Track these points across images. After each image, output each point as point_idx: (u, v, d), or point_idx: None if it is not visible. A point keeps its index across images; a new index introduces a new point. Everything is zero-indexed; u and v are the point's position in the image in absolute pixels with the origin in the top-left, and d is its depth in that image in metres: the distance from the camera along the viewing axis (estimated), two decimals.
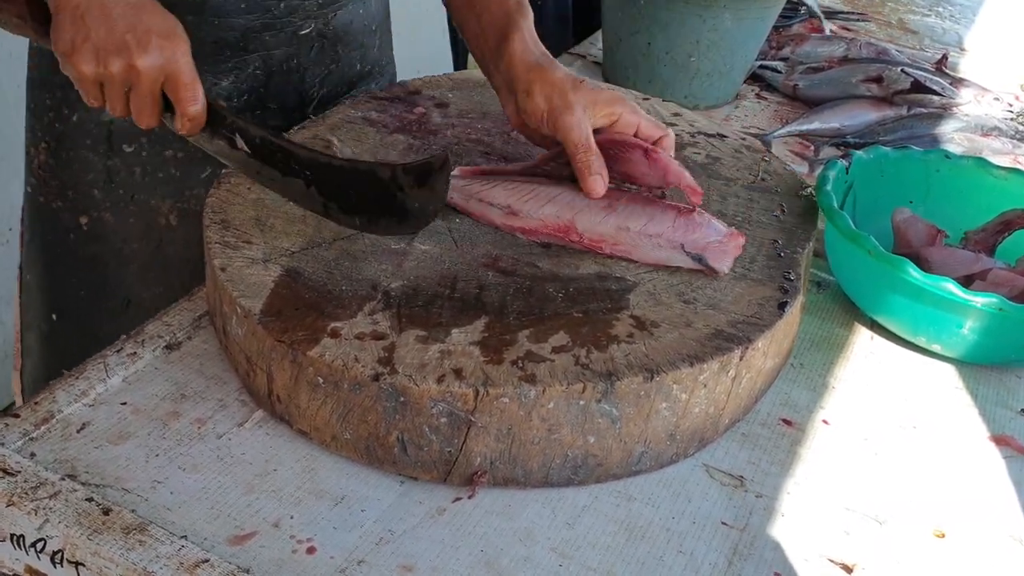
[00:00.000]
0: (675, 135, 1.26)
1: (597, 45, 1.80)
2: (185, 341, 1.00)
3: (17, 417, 0.89)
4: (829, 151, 1.57)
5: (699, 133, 1.28)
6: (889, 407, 1.04)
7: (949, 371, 1.09)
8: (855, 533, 0.89)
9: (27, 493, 0.82)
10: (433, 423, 0.85)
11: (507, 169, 1.10)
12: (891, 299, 1.08)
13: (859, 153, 1.22)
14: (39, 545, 0.81)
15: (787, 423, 1.00)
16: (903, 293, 1.06)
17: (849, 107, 1.66)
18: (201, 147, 1.02)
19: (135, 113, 0.97)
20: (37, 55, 1.23)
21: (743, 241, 1.02)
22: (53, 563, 0.81)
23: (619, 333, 0.91)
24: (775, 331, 0.96)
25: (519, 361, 0.87)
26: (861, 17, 2.15)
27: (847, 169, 1.19)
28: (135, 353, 0.97)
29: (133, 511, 0.81)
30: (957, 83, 1.75)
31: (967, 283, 1.08)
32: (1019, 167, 1.43)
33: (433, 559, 0.81)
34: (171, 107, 0.97)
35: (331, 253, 0.98)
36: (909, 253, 1.10)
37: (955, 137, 1.59)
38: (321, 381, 0.86)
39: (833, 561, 0.86)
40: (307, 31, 1.22)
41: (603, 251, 1.02)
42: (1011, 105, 1.75)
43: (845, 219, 1.09)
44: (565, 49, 1.87)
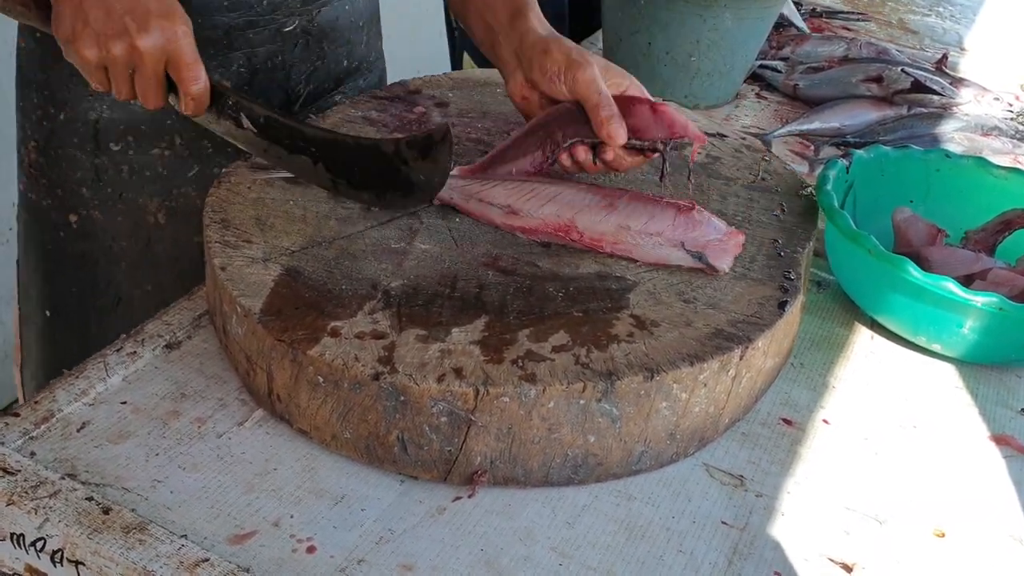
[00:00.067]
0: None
1: (597, 45, 1.80)
2: (185, 340, 1.00)
3: (17, 416, 0.89)
4: (829, 151, 1.57)
5: None
6: (889, 407, 1.03)
7: (949, 371, 1.09)
8: (855, 533, 0.89)
9: (27, 492, 0.82)
10: (433, 422, 0.85)
11: (507, 144, 1.10)
12: (891, 298, 1.08)
13: (859, 153, 1.22)
14: (39, 544, 0.81)
15: (787, 423, 1.00)
16: (903, 292, 1.06)
17: (849, 107, 1.66)
18: (209, 128, 1.03)
19: (141, 95, 0.98)
20: (25, 54, 1.23)
21: (743, 239, 1.02)
22: (53, 562, 0.81)
23: (619, 332, 0.91)
24: (775, 330, 0.95)
25: (519, 360, 0.87)
26: (861, 17, 2.15)
27: (847, 169, 1.19)
28: (135, 352, 0.97)
29: (133, 510, 0.81)
30: (957, 83, 1.75)
31: (967, 282, 1.08)
32: (1019, 167, 1.43)
33: (433, 558, 0.81)
34: (175, 88, 0.98)
35: (331, 252, 0.98)
36: (909, 252, 1.10)
37: (955, 137, 1.59)
38: (321, 380, 0.86)
39: (833, 561, 0.86)
40: (291, 28, 1.22)
41: (603, 250, 1.02)
42: (1011, 105, 1.74)
43: (845, 218, 1.09)
44: None
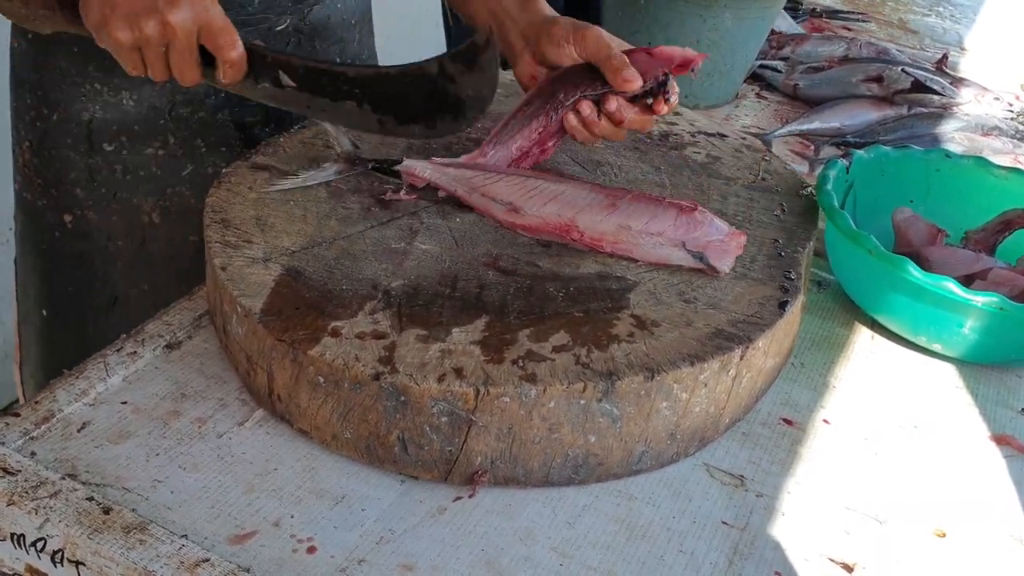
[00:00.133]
0: (676, 134, 1.27)
1: None
2: (185, 340, 1.00)
3: (17, 416, 0.89)
4: (829, 150, 1.57)
5: (699, 132, 1.28)
6: (889, 407, 1.03)
7: (949, 370, 1.09)
8: (855, 532, 0.89)
9: (27, 492, 0.82)
10: (434, 422, 0.85)
11: (512, 115, 1.11)
12: (892, 298, 1.08)
13: (859, 152, 1.22)
14: (39, 544, 0.81)
15: (788, 422, 1.00)
16: (904, 292, 1.06)
17: (849, 107, 1.66)
18: (245, 95, 1.02)
19: (177, 72, 0.97)
20: (18, 55, 1.23)
21: (744, 240, 1.02)
22: (53, 562, 0.81)
23: (620, 332, 0.91)
24: (776, 330, 0.95)
25: (520, 360, 0.87)
26: (861, 17, 2.15)
27: (847, 168, 1.19)
28: (135, 352, 0.97)
29: (133, 510, 0.81)
30: (957, 83, 1.75)
31: (968, 282, 1.08)
32: (1019, 166, 1.43)
33: (433, 558, 0.81)
34: (209, 61, 0.97)
35: (332, 252, 0.98)
36: (910, 252, 1.10)
37: (955, 136, 1.59)
38: (322, 380, 0.86)
39: (833, 560, 0.86)
40: (283, 27, 1.21)
41: (604, 249, 1.02)
42: (1011, 105, 1.75)
43: (846, 218, 1.09)
44: None
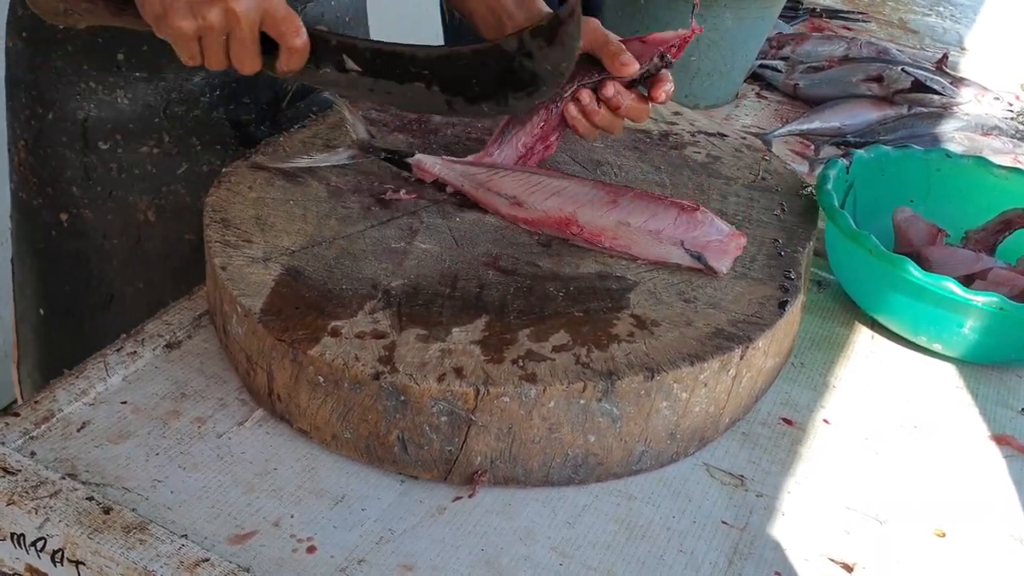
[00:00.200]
0: (676, 134, 1.27)
1: None
2: (185, 340, 1.00)
3: (17, 416, 0.89)
4: (829, 150, 1.57)
5: (699, 132, 1.28)
6: (890, 406, 1.03)
7: (950, 370, 1.09)
8: (855, 532, 0.89)
9: (27, 492, 0.82)
10: (433, 422, 0.85)
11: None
12: (892, 298, 1.08)
13: (860, 152, 1.22)
14: (39, 544, 0.81)
15: (788, 422, 1.00)
16: (904, 292, 1.06)
17: (850, 106, 1.66)
18: (303, 81, 0.99)
19: (237, 61, 0.95)
20: (13, 54, 1.23)
21: (744, 242, 1.02)
22: (53, 562, 0.81)
23: (620, 332, 0.91)
24: (776, 330, 0.95)
25: (520, 360, 0.87)
26: (861, 17, 2.15)
27: (848, 168, 1.19)
28: (135, 352, 0.97)
29: (133, 510, 0.81)
30: (957, 82, 1.75)
31: (968, 282, 1.08)
32: (1019, 166, 1.43)
33: (433, 558, 0.81)
34: (268, 48, 0.95)
35: (331, 252, 0.98)
36: (910, 252, 1.10)
37: (956, 136, 1.59)
38: (321, 380, 0.86)
39: (833, 560, 0.86)
40: None
41: (602, 244, 1.02)
42: (1011, 104, 1.74)
43: (846, 218, 1.09)
44: None
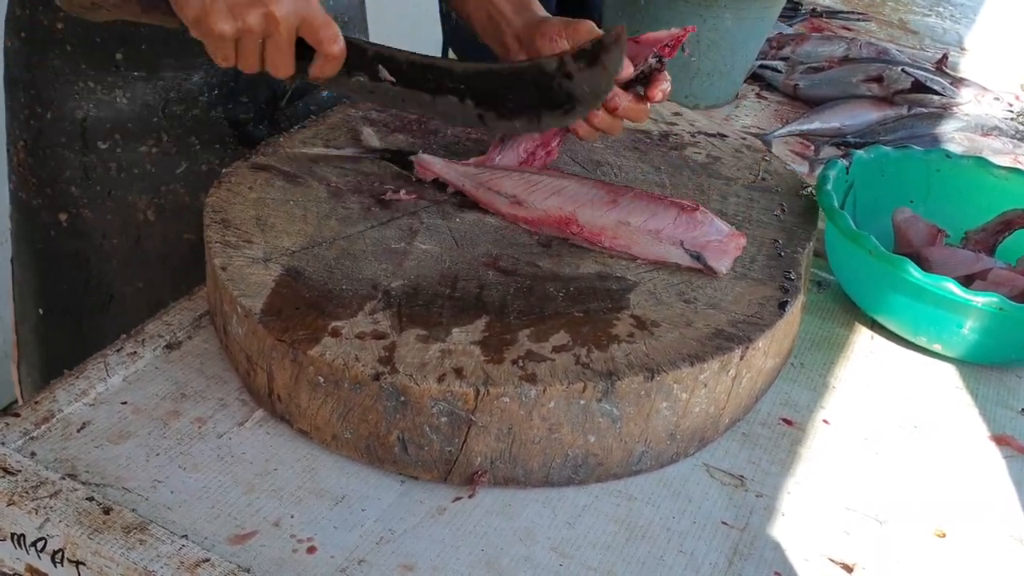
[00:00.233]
0: (676, 134, 1.27)
1: None
2: (185, 340, 1.00)
3: (17, 416, 0.89)
4: (829, 151, 1.57)
5: (699, 133, 1.28)
6: (889, 407, 1.04)
7: (949, 371, 1.09)
8: (855, 533, 0.89)
9: (28, 492, 0.82)
10: (433, 422, 0.85)
11: None
12: (892, 299, 1.08)
13: (859, 153, 1.22)
14: (40, 544, 0.81)
15: (787, 423, 1.00)
16: (904, 293, 1.06)
17: (849, 107, 1.66)
18: (332, 89, 0.98)
19: (272, 65, 0.95)
20: (11, 54, 1.23)
21: (743, 242, 1.02)
22: (54, 562, 0.81)
23: (620, 332, 0.91)
24: (775, 331, 0.95)
25: (520, 360, 0.87)
26: (861, 17, 2.15)
27: (847, 169, 1.19)
28: (135, 352, 0.97)
29: (134, 510, 0.81)
30: (957, 83, 1.75)
31: (967, 283, 1.08)
32: (1019, 167, 1.43)
33: (433, 558, 0.81)
34: (301, 53, 0.95)
35: (332, 252, 0.98)
36: (910, 253, 1.10)
37: (955, 137, 1.59)
38: (322, 380, 0.86)
39: (833, 561, 0.86)
40: None
41: (602, 244, 1.02)
42: (1011, 105, 1.74)
43: (846, 219, 1.09)
44: None
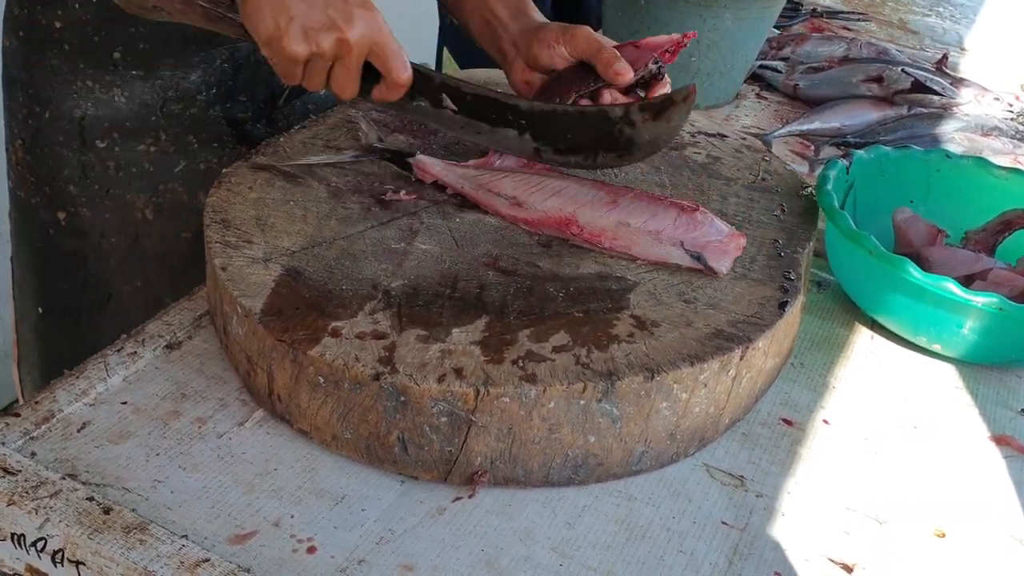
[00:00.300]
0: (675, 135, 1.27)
1: None
2: (185, 340, 1.00)
3: (18, 416, 0.89)
4: (829, 151, 1.57)
5: (699, 133, 1.28)
6: (889, 407, 1.04)
7: (949, 371, 1.09)
8: (855, 533, 0.89)
9: (28, 492, 0.82)
10: (433, 422, 0.85)
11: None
12: (892, 299, 1.08)
13: (860, 153, 1.22)
14: (40, 544, 0.81)
15: (787, 423, 1.00)
16: (904, 293, 1.06)
17: (850, 107, 1.66)
18: (393, 110, 1.01)
19: (338, 86, 0.96)
20: (9, 53, 1.23)
21: (744, 243, 1.02)
22: (54, 562, 0.81)
23: (620, 333, 0.91)
24: (775, 331, 0.96)
25: (520, 361, 0.87)
26: (861, 17, 2.15)
27: (848, 169, 1.19)
28: (135, 352, 0.97)
29: (134, 510, 0.81)
30: (957, 83, 1.75)
31: (967, 283, 1.08)
32: (1019, 167, 1.43)
33: (433, 558, 0.81)
34: (367, 75, 0.96)
35: (332, 252, 0.98)
36: (910, 253, 1.10)
37: (955, 137, 1.59)
38: (322, 380, 0.86)
39: (833, 561, 0.86)
40: None
41: (602, 245, 1.02)
42: (1011, 105, 1.75)
43: (846, 219, 1.09)
44: None
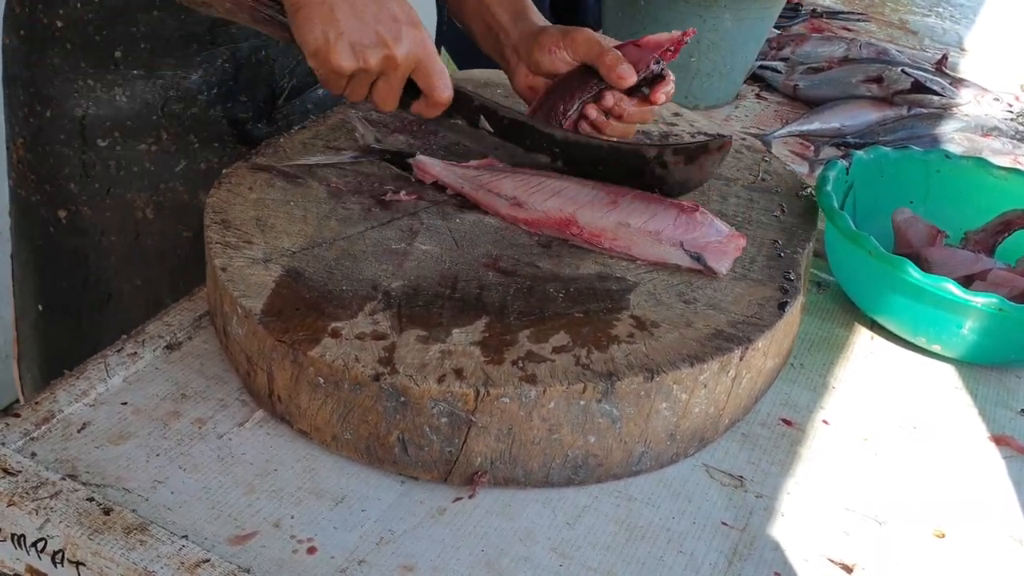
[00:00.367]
0: (676, 135, 1.27)
1: None
2: (186, 341, 1.00)
3: (18, 417, 0.89)
4: (829, 151, 1.57)
5: (699, 133, 1.28)
6: (889, 407, 1.04)
7: (949, 371, 1.09)
8: (855, 533, 0.89)
9: (28, 493, 0.82)
10: (433, 423, 0.85)
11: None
12: (891, 299, 1.08)
13: (859, 153, 1.22)
14: (40, 545, 0.81)
15: (787, 423, 1.00)
16: (903, 293, 1.06)
17: (849, 107, 1.66)
18: (428, 124, 1.03)
19: (380, 100, 0.97)
20: (9, 51, 1.23)
21: (744, 243, 1.02)
22: (54, 563, 0.81)
23: (619, 333, 0.91)
24: (775, 331, 0.96)
25: (520, 361, 0.87)
26: (861, 17, 2.15)
27: (847, 169, 1.19)
28: (136, 353, 0.97)
29: (134, 511, 0.82)
30: (957, 83, 1.75)
31: (967, 283, 1.08)
32: (1019, 167, 1.43)
33: (434, 559, 0.81)
34: (407, 90, 0.97)
35: (332, 253, 0.98)
36: (909, 253, 1.10)
37: (955, 137, 1.59)
38: (322, 381, 0.86)
39: (833, 561, 0.86)
40: None
41: (602, 245, 1.02)
42: (1011, 105, 1.75)
43: (845, 219, 1.09)
44: None
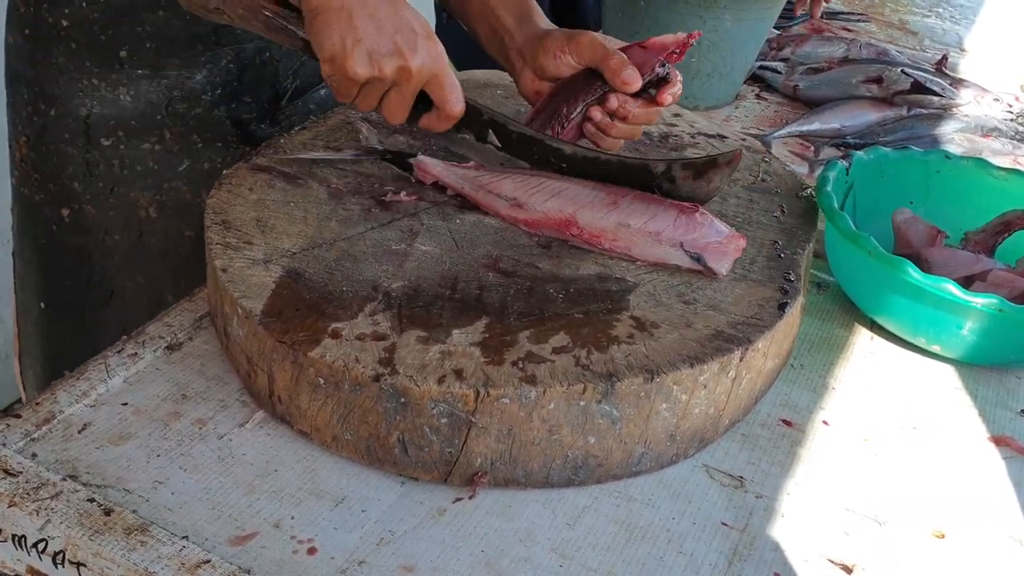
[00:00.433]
0: (676, 135, 1.27)
1: None
2: (186, 342, 1.00)
3: (18, 417, 0.89)
4: (829, 152, 1.57)
5: (699, 134, 1.28)
6: (889, 408, 1.04)
7: (949, 372, 1.09)
8: (855, 534, 0.89)
9: (29, 494, 0.82)
10: (434, 424, 0.85)
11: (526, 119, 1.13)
12: (891, 300, 1.09)
13: (859, 154, 1.22)
14: (41, 546, 0.81)
15: (787, 424, 1.00)
16: (903, 294, 1.06)
17: (849, 108, 1.66)
18: (436, 137, 1.03)
19: (389, 111, 0.96)
20: (13, 50, 1.23)
21: (744, 244, 1.02)
22: (55, 564, 0.81)
23: (619, 334, 0.91)
24: (775, 332, 0.96)
25: (520, 362, 0.87)
26: (861, 18, 2.15)
27: (847, 170, 1.19)
28: (136, 354, 0.97)
29: (134, 512, 0.82)
30: (957, 84, 1.75)
31: (967, 284, 1.08)
32: (1019, 168, 1.43)
33: (434, 559, 0.81)
34: (418, 101, 0.97)
35: (332, 254, 0.98)
36: (909, 254, 1.10)
37: (955, 138, 1.59)
38: (322, 382, 0.86)
39: (833, 562, 0.86)
40: None
41: (602, 246, 1.02)
42: (1011, 106, 1.75)
43: (845, 220, 1.09)
44: None
